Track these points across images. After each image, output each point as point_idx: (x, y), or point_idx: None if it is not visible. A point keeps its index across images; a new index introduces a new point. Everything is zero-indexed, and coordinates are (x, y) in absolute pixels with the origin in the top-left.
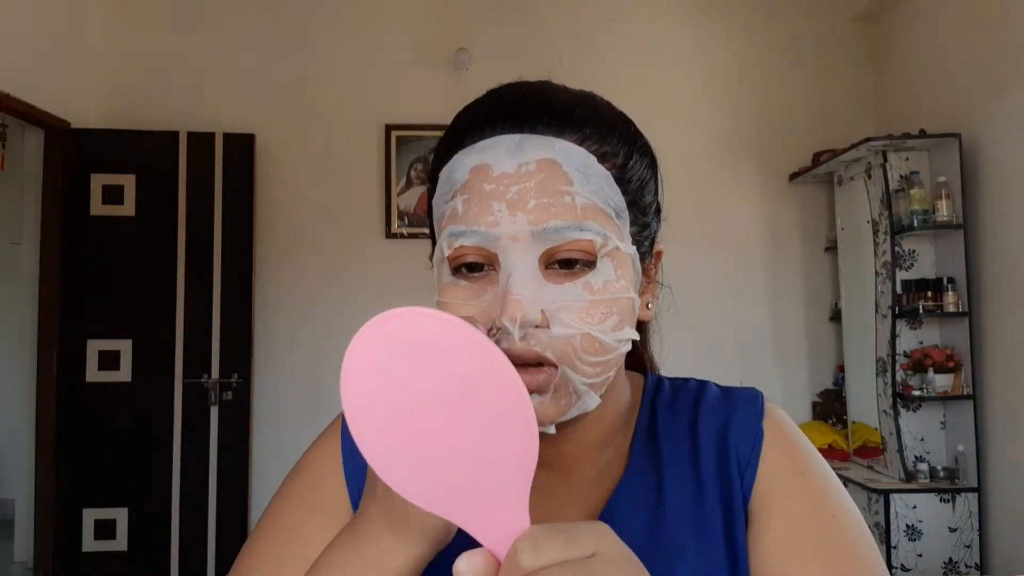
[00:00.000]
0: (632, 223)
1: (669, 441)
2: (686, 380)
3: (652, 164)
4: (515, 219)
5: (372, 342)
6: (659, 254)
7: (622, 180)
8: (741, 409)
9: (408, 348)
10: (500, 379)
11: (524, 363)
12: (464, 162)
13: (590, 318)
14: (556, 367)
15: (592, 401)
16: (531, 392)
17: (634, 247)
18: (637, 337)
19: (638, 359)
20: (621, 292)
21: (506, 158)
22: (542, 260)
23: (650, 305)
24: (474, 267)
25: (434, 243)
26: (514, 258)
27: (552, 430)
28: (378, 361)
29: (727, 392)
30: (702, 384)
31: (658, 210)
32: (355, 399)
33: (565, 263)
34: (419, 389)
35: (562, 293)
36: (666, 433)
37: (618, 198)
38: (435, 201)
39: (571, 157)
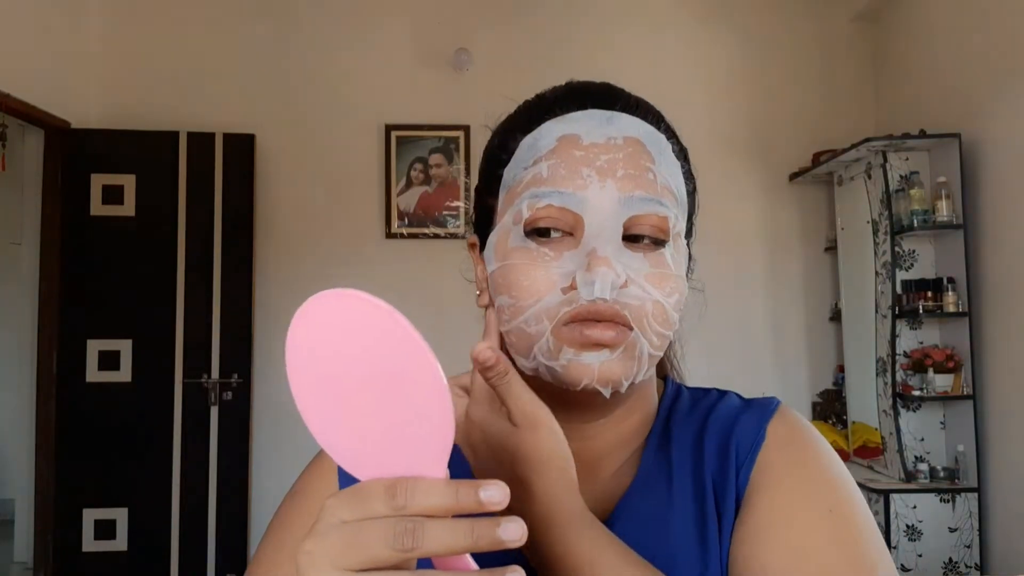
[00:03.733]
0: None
1: (679, 449)
2: (707, 391)
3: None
4: (604, 185)
5: (311, 319)
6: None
7: (685, 173)
8: (750, 413)
9: (343, 328)
10: (421, 364)
11: (602, 319)
12: (553, 130)
13: (661, 289)
14: (631, 328)
15: (642, 374)
16: (602, 347)
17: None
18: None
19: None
20: (680, 274)
21: (596, 129)
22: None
23: None
24: (543, 232)
25: (475, 224)
26: (601, 221)
27: (608, 393)
28: (317, 338)
29: (745, 402)
30: (722, 395)
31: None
32: (297, 370)
33: (634, 238)
34: (350, 366)
35: (640, 261)
36: (678, 442)
37: (682, 188)
38: (508, 170)
39: (653, 139)
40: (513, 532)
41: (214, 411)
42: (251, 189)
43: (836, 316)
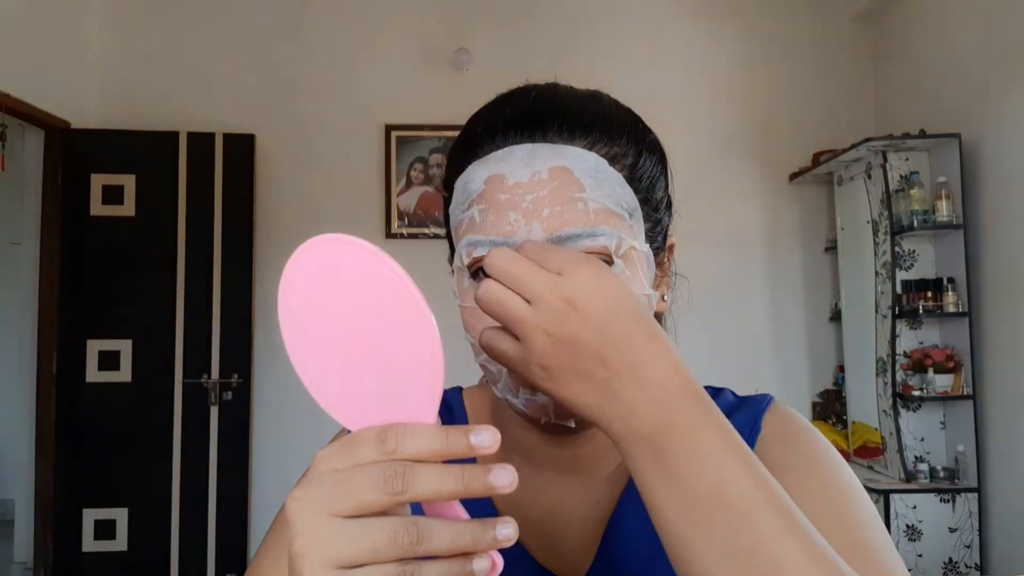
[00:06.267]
0: (645, 220)
1: None
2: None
3: (661, 159)
4: (530, 227)
5: (304, 265)
6: (672, 247)
7: (633, 179)
8: (743, 411)
9: (334, 273)
10: (410, 307)
11: None
12: (479, 172)
13: None
14: None
15: None
16: None
17: (647, 244)
18: None
19: None
20: (636, 291)
21: (519, 168)
22: None
23: (665, 297)
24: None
25: (452, 249)
26: None
27: (572, 424)
28: (308, 284)
29: (739, 399)
30: (717, 392)
31: (669, 204)
32: (289, 319)
33: None
34: (342, 312)
35: None
36: None
37: (630, 198)
38: (452, 210)
39: (582, 163)
40: (504, 478)
41: (214, 411)
42: (251, 189)
43: (836, 316)
